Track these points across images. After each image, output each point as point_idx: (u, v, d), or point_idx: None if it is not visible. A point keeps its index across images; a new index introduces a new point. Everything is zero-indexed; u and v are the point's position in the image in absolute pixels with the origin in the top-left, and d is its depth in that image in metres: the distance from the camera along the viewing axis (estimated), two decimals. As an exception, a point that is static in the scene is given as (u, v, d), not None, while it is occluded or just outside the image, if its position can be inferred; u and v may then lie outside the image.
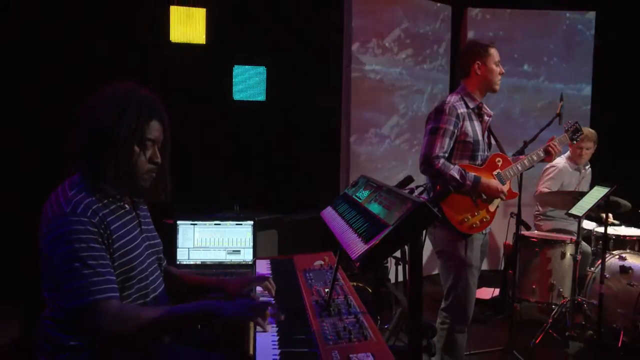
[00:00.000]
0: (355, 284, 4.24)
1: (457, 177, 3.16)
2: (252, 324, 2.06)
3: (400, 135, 6.14)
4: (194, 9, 5.21)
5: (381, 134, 6.03)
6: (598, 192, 3.96)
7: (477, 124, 3.34)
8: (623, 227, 5.07)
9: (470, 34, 6.48)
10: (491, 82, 3.38)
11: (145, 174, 2.02)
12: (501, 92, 6.30)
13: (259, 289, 2.36)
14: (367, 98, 5.85)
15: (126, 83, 2.03)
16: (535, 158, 3.49)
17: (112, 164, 1.92)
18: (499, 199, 3.31)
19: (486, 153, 3.39)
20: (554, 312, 4.45)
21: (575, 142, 3.99)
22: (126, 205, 2.06)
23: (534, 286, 4.64)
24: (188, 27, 5.23)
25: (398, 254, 3.92)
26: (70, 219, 1.83)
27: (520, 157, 3.50)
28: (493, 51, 3.37)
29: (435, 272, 3.47)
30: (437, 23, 6.36)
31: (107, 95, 1.98)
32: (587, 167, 5.24)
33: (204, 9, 5.25)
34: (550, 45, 6.68)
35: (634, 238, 4.80)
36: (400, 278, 3.90)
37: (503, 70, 3.41)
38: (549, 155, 3.53)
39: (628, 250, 4.64)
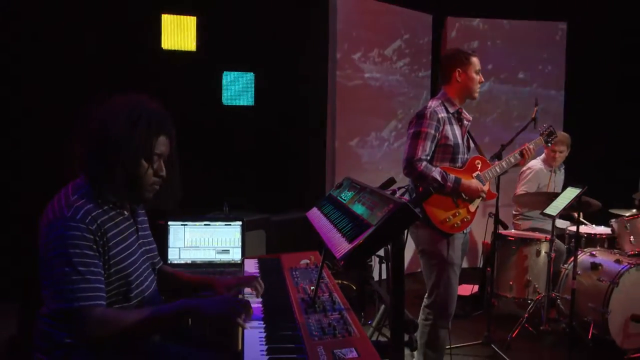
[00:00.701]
0: (340, 281, 4.23)
1: (439, 178, 3.17)
2: None
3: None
4: (185, 17, 5.21)
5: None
6: (571, 193, 3.99)
7: (457, 128, 3.35)
8: (594, 225, 5.12)
9: (451, 42, 6.52)
10: (471, 90, 3.39)
11: (149, 186, 2.01)
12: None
13: (247, 290, 2.35)
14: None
15: (136, 97, 2.01)
16: (512, 160, 3.51)
17: (119, 174, 1.90)
18: (480, 199, 3.34)
19: (466, 156, 3.40)
20: (530, 307, 4.48)
21: (549, 144, 4.02)
22: (125, 212, 2.05)
23: (511, 282, 4.66)
24: (179, 34, 5.23)
25: (382, 252, 3.93)
26: (69, 224, 1.82)
27: (498, 160, 3.53)
28: (474, 60, 3.39)
29: (419, 270, 3.47)
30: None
31: (120, 106, 1.96)
32: (561, 169, 5.29)
33: (195, 17, 5.25)
34: (526, 53, 6.74)
35: (604, 236, 4.85)
36: (384, 276, 3.91)
37: (482, 79, 3.42)
38: (522, 158, 3.55)
39: (598, 248, 4.69)
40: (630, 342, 4.16)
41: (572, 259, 4.17)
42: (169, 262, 3.54)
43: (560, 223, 5.04)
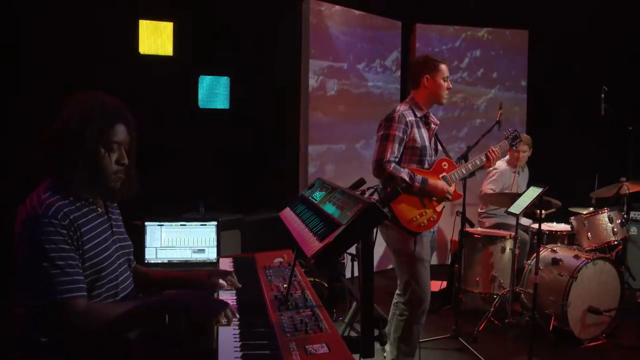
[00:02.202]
0: (312, 279, 4.22)
1: (407, 179, 3.19)
2: None
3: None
4: (162, 22, 5.17)
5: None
6: (533, 192, 4.04)
7: (424, 131, 3.37)
8: (555, 223, 5.20)
9: (419, 48, 6.57)
10: (438, 96, 3.41)
11: (113, 174, 1.99)
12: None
13: (222, 282, 2.33)
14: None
15: (92, 92, 2.02)
16: (478, 162, 3.53)
17: (81, 166, 1.90)
18: (446, 200, 3.35)
19: (433, 158, 3.43)
20: (495, 301, 4.53)
21: (514, 148, 4.07)
22: (99, 208, 2.03)
23: (477, 278, 4.71)
24: (156, 39, 5.19)
25: (353, 250, 3.93)
26: (42, 220, 1.80)
27: (464, 162, 3.56)
28: (443, 67, 3.40)
29: (389, 267, 3.48)
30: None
31: (74, 103, 1.97)
32: (524, 169, 5.36)
33: (171, 23, 5.21)
34: (491, 58, 6.83)
35: (564, 233, 4.93)
36: (356, 273, 3.91)
37: (450, 85, 3.43)
38: (488, 161, 3.57)
39: (559, 244, 4.77)
40: (587, 332, 4.25)
41: (534, 255, 4.23)
42: (146, 261, 3.52)
43: (524, 220, 5.12)
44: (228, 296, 2.25)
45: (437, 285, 5.23)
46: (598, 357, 4.08)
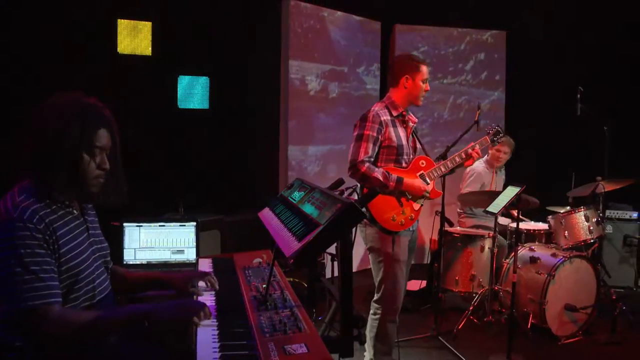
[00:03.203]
0: (291, 279, 4.22)
1: (381, 178, 3.18)
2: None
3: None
4: (141, 22, 5.13)
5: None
6: (511, 192, 4.08)
7: (401, 130, 3.37)
8: (532, 222, 5.26)
9: (398, 49, 6.60)
10: (415, 97, 3.40)
11: (93, 179, 1.96)
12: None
13: (202, 283, 2.32)
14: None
15: (73, 93, 1.99)
16: (457, 160, 3.51)
17: (61, 171, 1.88)
18: (424, 198, 3.36)
19: (411, 156, 3.42)
20: (475, 300, 4.56)
21: (496, 144, 4.02)
22: (74, 211, 2.01)
23: (457, 277, 4.73)
24: (135, 39, 5.16)
25: (333, 250, 3.93)
26: (17, 224, 1.77)
27: (443, 160, 3.56)
28: (423, 68, 3.38)
29: (369, 266, 3.48)
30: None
31: (54, 105, 1.94)
32: (502, 170, 5.41)
33: (150, 23, 5.17)
34: (469, 59, 6.88)
35: (542, 231, 4.97)
36: (337, 273, 3.92)
37: (428, 88, 3.42)
38: (469, 159, 3.55)
39: (536, 243, 4.81)
40: (564, 329, 4.31)
41: (513, 253, 4.27)
42: (125, 262, 3.49)
43: (502, 220, 5.17)
44: (207, 297, 2.24)
45: (416, 285, 5.25)
46: (575, 353, 4.13)
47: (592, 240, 4.71)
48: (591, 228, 4.65)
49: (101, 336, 1.90)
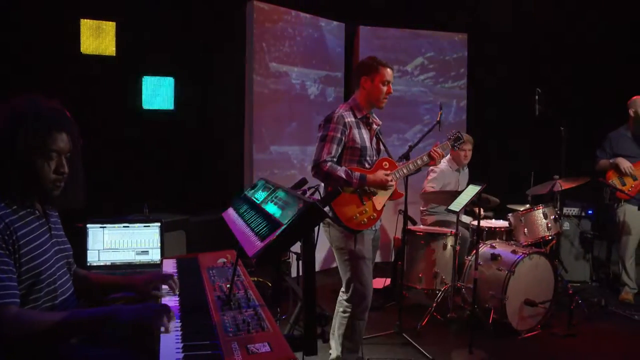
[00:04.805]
0: (255, 279, 4.20)
1: (344, 177, 3.20)
2: None
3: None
4: (104, 22, 5.05)
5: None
6: (472, 190, 4.14)
7: (365, 131, 3.39)
8: (494, 219, 5.35)
9: (362, 50, 6.63)
10: (375, 99, 3.39)
11: (50, 183, 1.93)
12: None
13: (164, 286, 2.30)
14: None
15: (30, 95, 1.94)
16: (419, 162, 3.54)
17: (14, 173, 1.84)
18: (386, 197, 3.38)
19: (374, 158, 3.44)
20: (438, 296, 4.61)
21: (456, 149, 4.14)
22: (36, 212, 1.97)
23: (420, 275, 4.77)
24: (98, 39, 5.08)
25: (299, 249, 3.92)
26: None
27: (406, 161, 3.59)
28: (384, 71, 3.34)
29: (335, 265, 3.49)
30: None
31: (8, 107, 1.89)
32: (465, 169, 5.49)
33: (114, 23, 5.10)
34: (431, 60, 6.97)
35: (502, 229, 5.07)
36: (302, 272, 3.92)
37: (391, 91, 3.39)
38: (432, 160, 3.58)
39: (497, 240, 4.89)
40: (524, 323, 4.39)
41: (474, 251, 4.34)
42: (88, 264, 3.43)
43: (464, 217, 5.25)
44: (170, 297, 2.21)
45: (381, 283, 5.29)
46: (534, 346, 4.22)
47: (550, 237, 4.83)
48: (549, 225, 4.76)
49: (60, 338, 1.87)
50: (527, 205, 5.05)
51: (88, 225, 3.46)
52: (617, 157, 5.14)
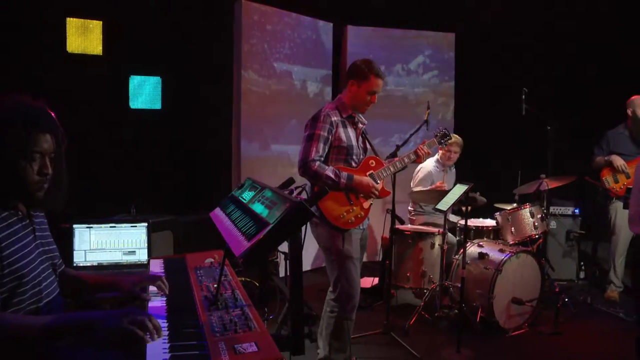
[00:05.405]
0: (243, 279, 4.19)
1: (332, 176, 3.21)
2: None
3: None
4: (91, 21, 5.02)
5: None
6: (459, 190, 4.16)
7: (351, 130, 3.40)
8: (481, 219, 5.38)
9: (350, 50, 6.65)
10: (358, 105, 3.40)
11: (33, 185, 1.90)
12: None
13: (152, 288, 2.28)
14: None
15: (16, 95, 1.91)
16: (406, 160, 3.56)
17: None
18: (372, 196, 3.39)
19: (361, 156, 3.45)
20: (425, 296, 4.64)
21: (444, 145, 4.15)
22: (20, 213, 1.95)
23: (408, 274, 4.78)
24: (85, 38, 5.05)
25: (286, 249, 3.92)
26: None
27: (393, 159, 3.60)
28: (374, 81, 3.33)
29: (323, 265, 3.50)
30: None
31: None
32: (452, 168, 5.51)
33: (101, 22, 5.06)
34: (419, 60, 6.99)
35: (490, 228, 5.11)
36: (289, 271, 3.92)
37: (375, 100, 3.38)
38: (418, 158, 3.60)
39: (485, 239, 4.93)
40: (511, 322, 4.43)
41: (462, 250, 4.36)
42: (75, 264, 3.41)
43: (452, 217, 5.27)
44: (158, 298, 2.20)
45: (369, 282, 5.31)
46: (521, 344, 4.25)
47: (537, 236, 4.87)
48: (536, 224, 4.80)
49: (36, 344, 1.83)
50: (514, 205, 5.09)
51: (74, 226, 3.44)
52: (612, 154, 5.18)
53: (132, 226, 3.49)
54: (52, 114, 1.95)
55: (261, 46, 5.82)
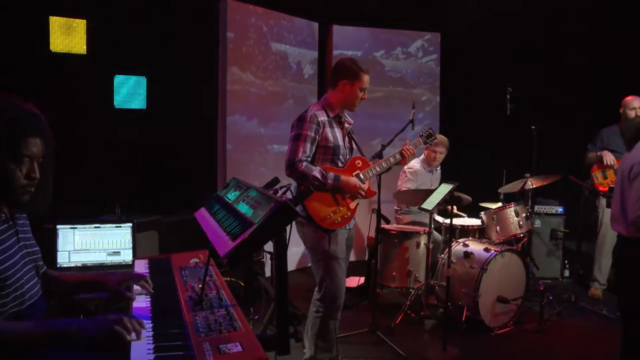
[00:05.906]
0: (228, 279, 4.20)
1: (319, 177, 3.22)
2: None
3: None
4: (74, 19, 4.98)
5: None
6: (444, 189, 4.19)
7: (337, 130, 3.41)
8: (466, 217, 5.42)
9: (335, 49, 6.66)
10: (350, 103, 3.43)
11: (20, 188, 1.88)
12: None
13: (136, 287, 2.28)
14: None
15: (4, 97, 1.89)
16: (392, 160, 3.58)
17: None
18: (359, 197, 3.40)
19: (347, 156, 3.46)
20: (411, 295, 4.66)
21: (429, 145, 4.17)
22: (2, 215, 1.93)
23: (394, 273, 4.81)
24: (69, 37, 5.00)
25: (272, 249, 3.92)
26: None
27: (379, 159, 3.61)
28: (364, 77, 3.38)
29: (309, 264, 3.50)
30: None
31: None
32: (437, 169, 5.54)
33: (85, 20, 5.02)
34: (404, 60, 7.02)
35: (475, 227, 5.13)
36: (274, 271, 3.92)
37: (365, 97, 3.43)
38: (403, 158, 3.62)
39: (470, 238, 4.95)
40: (496, 320, 4.46)
41: (447, 249, 4.39)
42: (59, 265, 3.39)
43: (438, 217, 5.30)
44: (142, 298, 2.20)
45: (355, 281, 5.31)
46: (506, 342, 4.29)
47: (522, 235, 4.91)
48: (521, 223, 4.84)
49: (17, 350, 1.80)
50: (499, 204, 5.13)
51: (58, 226, 3.42)
52: (605, 150, 5.24)
53: (116, 226, 3.48)
54: (43, 118, 1.93)
55: (246, 46, 5.81)
